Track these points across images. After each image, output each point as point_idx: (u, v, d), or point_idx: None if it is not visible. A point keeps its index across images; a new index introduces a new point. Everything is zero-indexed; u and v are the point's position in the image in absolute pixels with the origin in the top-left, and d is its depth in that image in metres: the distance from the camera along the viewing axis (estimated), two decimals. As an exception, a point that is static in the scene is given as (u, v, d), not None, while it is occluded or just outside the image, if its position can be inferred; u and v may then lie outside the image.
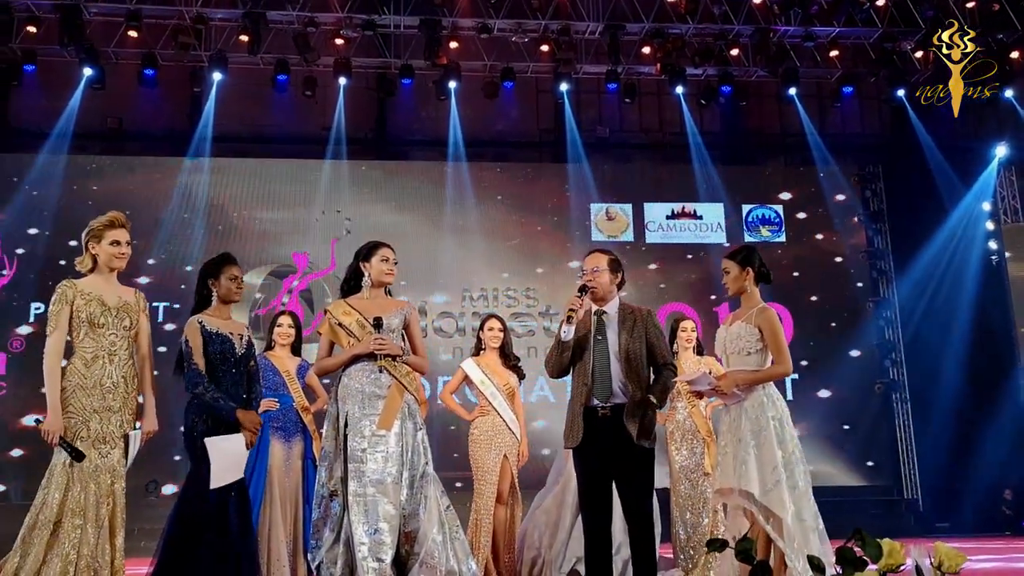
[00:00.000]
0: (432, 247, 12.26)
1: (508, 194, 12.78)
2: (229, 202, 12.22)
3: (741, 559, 1.78)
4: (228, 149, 12.46)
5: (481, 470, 5.62)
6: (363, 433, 4.16)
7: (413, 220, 12.35)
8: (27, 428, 10.76)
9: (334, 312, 4.42)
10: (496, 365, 5.85)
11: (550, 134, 13.42)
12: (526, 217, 12.66)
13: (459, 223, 12.48)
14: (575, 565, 5.38)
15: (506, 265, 12.47)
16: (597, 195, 12.90)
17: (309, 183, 12.46)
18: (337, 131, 12.55)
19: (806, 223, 12.96)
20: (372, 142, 13.16)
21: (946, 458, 11.50)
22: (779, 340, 4.26)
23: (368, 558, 3.95)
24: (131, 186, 12.04)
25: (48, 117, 12.04)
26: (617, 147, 13.54)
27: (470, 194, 12.64)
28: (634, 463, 4.29)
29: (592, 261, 4.55)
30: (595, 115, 13.53)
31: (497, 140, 13.36)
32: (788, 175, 13.33)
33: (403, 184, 12.68)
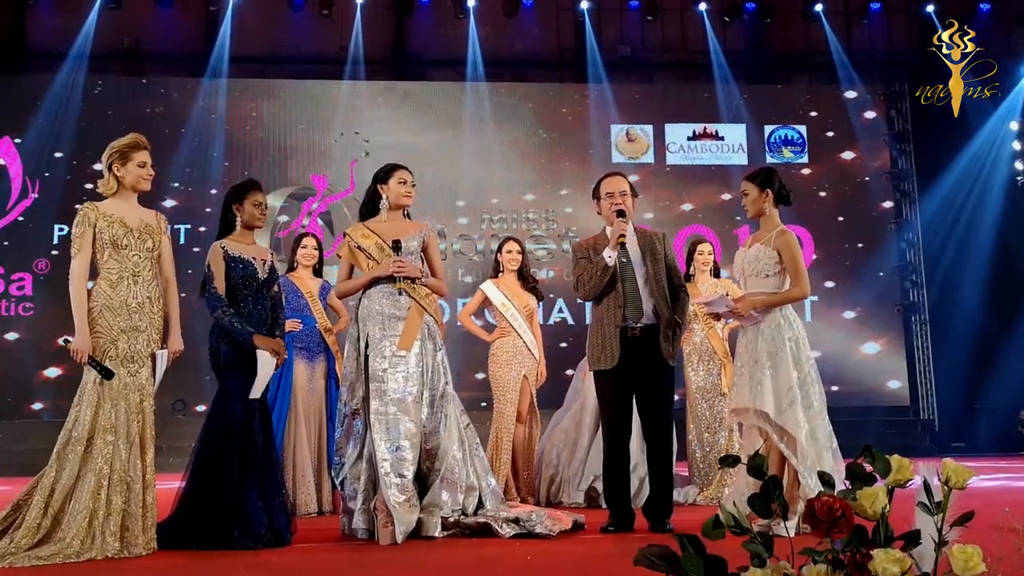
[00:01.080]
0: (451, 169, 12.20)
1: (527, 115, 12.65)
2: (248, 124, 12.18)
3: (753, 475, 1.82)
4: (246, 70, 12.36)
5: (501, 390, 5.71)
6: (383, 354, 4.23)
7: (432, 141, 12.26)
8: (57, 348, 10.97)
9: (353, 235, 4.45)
10: (515, 287, 5.89)
11: (570, 53, 13.18)
12: (545, 138, 12.56)
13: (478, 144, 12.40)
14: (592, 483, 5.50)
15: (525, 187, 12.41)
16: (617, 116, 12.74)
17: (327, 104, 12.40)
18: (355, 51, 12.41)
19: (829, 144, 12.77)
20: (390, 62, 12.99)
21: (964, 379, 11.54)
22: (798, 263, 4.26)
23: (391, 473, 4.07)
24: (150, 108, 12.02)
25: (64, 38, 11.96)
26: (638, 67, 13.31)
27: (489, 115, 12.53)
28: (660, 382, 4.43)
29: (620, 184, 4.60)
30: (616, 34, 13.25)
31: (516, 60, 13.16)
32: (812, 94, 13.08)
33: (422, 105, 12.57)
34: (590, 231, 12.14)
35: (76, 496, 3.70)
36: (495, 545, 3.90)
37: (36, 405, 11.14)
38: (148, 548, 3.77)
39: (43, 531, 3.64)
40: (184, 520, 4.00)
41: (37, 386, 11.17)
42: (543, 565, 3.41)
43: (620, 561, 3.62)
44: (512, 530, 4.07)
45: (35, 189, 11.70)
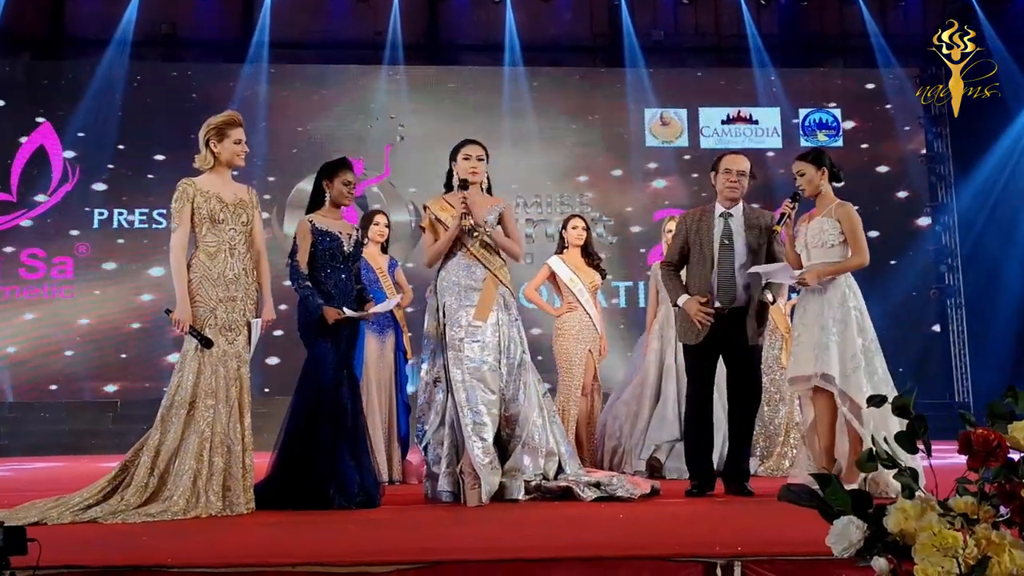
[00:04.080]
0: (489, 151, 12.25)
1: (562, 99, 12.72)
2: (285, 110, 12.31)
3: (898, 414, 1.94)
4: (282, 56, 12.49)
5: (568, 363, 5.85)
6: (460, 323, 4.38)
7: (466, 126, 12.21)
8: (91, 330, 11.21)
9: (432, 208, 4.61)
10: (580, 263, 6.01)
11: (604, 38, 13.24)
12: (579, 122, 12.64)
13: (513, 129, 12.47)
14: (654, 452, 5.63)
15: (559, 171, 12.50)
16: (652, 100, 12.81)
17: (363, 89, 12.52)
18: (391, 36, 12.52)
19: (864, 127, 12.80)
20: (425, 48, 13.08)
21: (1001, 361, 11.56)
22: (858, 233, 4.39)
23: (472, 437, 4.21)
24: (188, 94, 12.16)
25: (104, 24, 12.11)
26: (672, 51, 13.34)
27: (524, 100, 12.60)
28: (747, 357, 4.55)
29: (741, 163, 4.65)
30: (650, 18, 13.29)
31: (551, 45, 13.22)
32: (847, 78, 13.11)
33: (456, 90, 12.67)
34: (623, 215, 12.46)
35: (180, 457, 3.86)
36: (579, 507, 4.04)
37: (53, 386, 11.30)
38: (248, 507, 3.94)
39: (150, 490, 3.81)
40: (280, 482, 4.16)
41: (53, 364, 11.31)
42: (633, 522, 3.54)
43: (710, 516, 3.75)
44: (594, 493, 4.20)
45: (75, 174, 11.87)
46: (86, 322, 11.38)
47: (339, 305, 4.32)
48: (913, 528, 1.88)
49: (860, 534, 1.88)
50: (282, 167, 12.03)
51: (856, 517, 1.92)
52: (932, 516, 1.88)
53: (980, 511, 1.88)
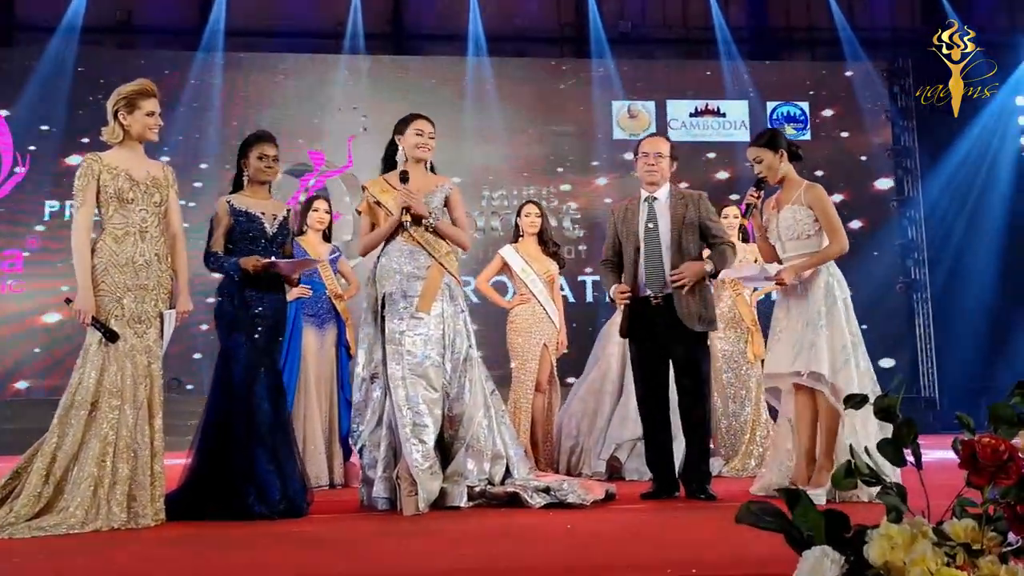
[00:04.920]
0: (451, 144, 11.84)
1: (528, 91, 12.32)
2: (243, 99, 11.79)
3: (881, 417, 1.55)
4: (241, 44, 11.97)
5: (521, 358, 5.44)
6: (401, 315, 3.96)
7: (431, 117, 11.90)
8: (46, 325, 10.60)
9: (372, 189, 4.17)
10: (535, 252, 5.61)
11: (571, 29, 12.88)
12: (546, 114, 12.25)
13: (478, 120, 12.07)
14: (614, 452, 5.24)
15: (525, 163, 12.12)
16: (619, 92, 12.46)
17: (324, 79, 12.01)
18: (353, 25, 12.06)
19: (832, 120, 12.53)
20: (389, 37, 12.66)
21: (969, 357, 11.34)
22: (831, 217, 4.03)
23: (411, 439, 3.79)
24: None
25: (55, 10, 11.55)
26: (640, 42, 12.99)
27: (489, 91, 12.21)
28: (689, 349, 4.20)
29: (657, 145, 4.38)
30: (617, 9, 12.94)
31: (517, 35, 12.83)
32: (815, 71, 12.82)
33: (421, 80, 12.22)
34: (591, 208, 12.10)
35: (80, 463, 3.42)
36: (526, 515, 3.64)
37: (22, 384, 10.73)
38: (156, 519, 3.49)
39: (44, 500, 3.36)
40: (194, 490, 3.72)
41: (23, 363, 10.74)
42: (582, 534, 3.15)
43: (666, 528, 3.37)
44: (543, 500, 3.80)
45: (24, 164, 11.29)
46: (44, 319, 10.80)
47: (261, 294, 3.88)
48: (902, 560, 1.49)
49: (836, 570, 1.48)
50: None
51: (831, 547, 1.52)
52: (925, 545, 1.50)
53: (984, 539, 1.49)
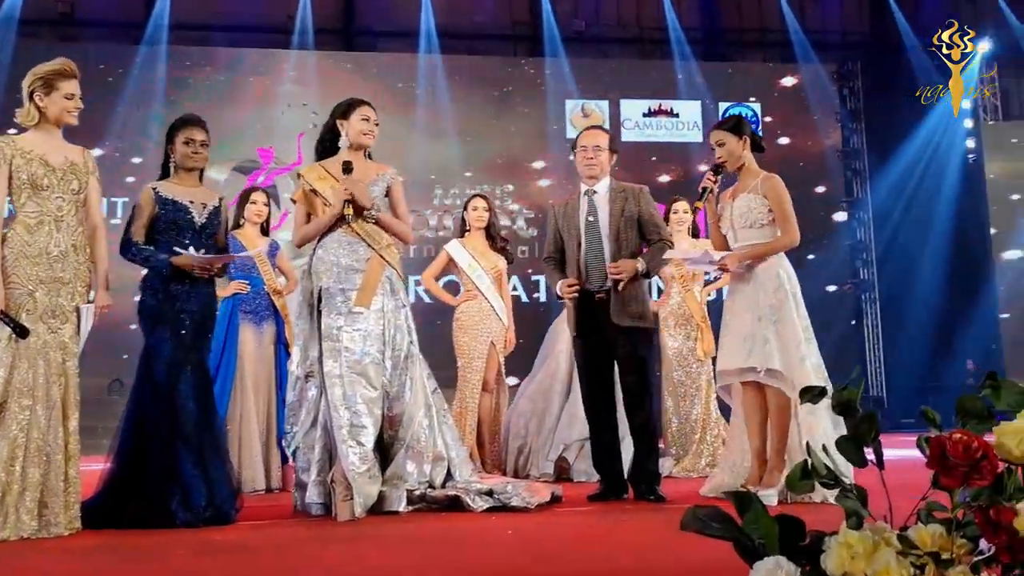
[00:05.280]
0: (403, 142, 11.64)
1: (481, 89, 12.13)
2: (189, 95, 11.39)
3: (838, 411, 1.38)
4: (187, 38, 11.60)
5: (467, 356, 5.23)
6: (339, 310, 3.73)
7: (383, 114, 11.57)
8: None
9: (308, 177, 3.94)
10: (483, 247, 5.40)
11: (525, 27, 12.73)
12: (499, 112, 12.06)
13: (431, 118, 11.85)
14: (563, 452, 5.07)
15: (478, 162, 11.92)
16: (573, 91, 12.32)
17: (273, 75, 11.68)
18: (302, 20, 11.77)
19: (783, 122, 12.52)
20: (340, 32, 12.38)
21: (915, 357, 11.39)
22: (786, 208, 3.90)
23: (348, 441, 3.57)
24: (84, 76, 11.15)
25: (-4, 2, 11.09)
26: (594, 42, 12.89)
27: (442, 88, 11.99)
28: (630, 344, 4.05)
29: (595, 138, 4.24)
30: (571, 7, 12.82)
31: (470, 33, 12.63)
32: (766, 73, 12.82)
33: (372, 77, 11.95)
34: (544, 206, 11.92)
35: (-14, 468, 3.14)
36: (467, 519, 3.45)
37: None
38: (71, 527, 3.23)
39: (-54, 508, 3.08)
40: (113, 496, 3.46)
41: None
42: (525, 539, 2.96)
43: (612, 531, 3.20)
44: (485, 503, 3.61)
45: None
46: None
47: (188, 288, 3.63)
48: (863, 572, 1.32)
49: (791, 584, 1.31)
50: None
51: (785, 558, 1.35)
52: (889, 554, 1.33)
53: (954, 547, 1.33)
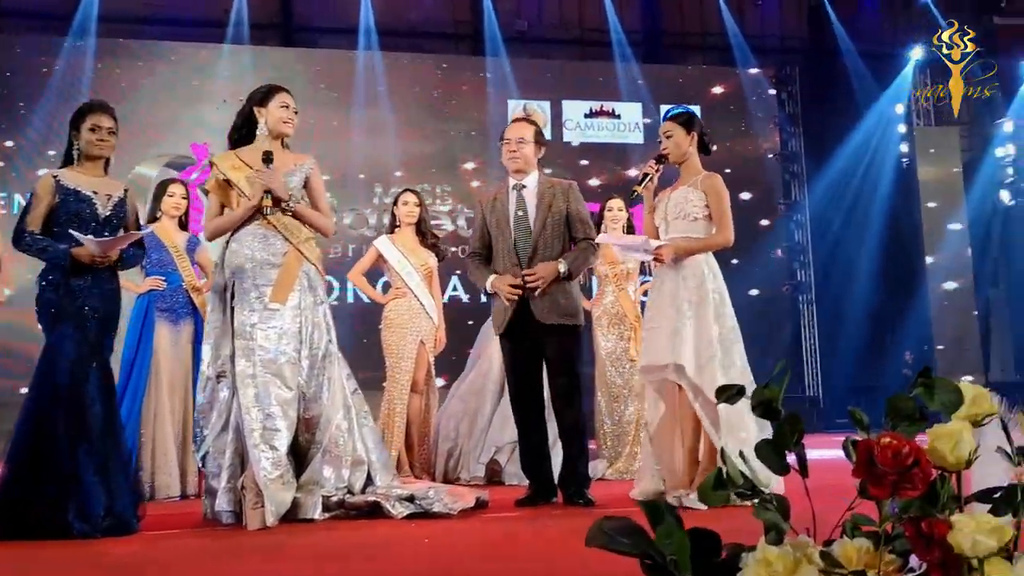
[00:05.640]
0: (342, 140, 11.39)
1: (421, 87, 11.90)
2: (118, 89, 10.94)
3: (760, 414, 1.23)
4: (116, 30, 11.14)
5: (395, 356, 5.01)
6: (253, 306, 3.50)
7: (321, 112, 11.40)
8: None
9: (222, 166, 3.69)
10: (412, 243, 5.19)
11: (467, 26, 12.54)
12: (440, 111, 11.86)
13: (371, 116, 11.60)
14: (494, 455, 4.90)
15: (419, 161, 11.69)
16: (515, 91, 12.18)
17: (209, 70, 11.30)
18: (239, 14, 11.41)
19: (723, 125, 12.49)
20: (278, 27, 12.06)
21: (850, 358, 11.48)
22: (724, 208, 3.81)
23: (260, 445, 3.34)
24: (9, 68, 10.67)
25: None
26: (536, 42, 12.76)
27: (382, 86, 11.75)
28: (558, 342, 3.92)
29: (519, 130, 4.12)
30: (513, 7, 12.67)
31: (411, 30, 12.40)
32: (707, 75, 12.84)
33: (311, 74, 11.65)
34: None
35: None
36: (386, 527, 3.25)
37: None
38: (-50, 541, 2.96)
39: None
40: (5, 506, 3.17)
41: None
42: (441, 548, 2.78)
43: (536, 538, 3.03)
44: (406, 509, 3.41)
45: None
46: None
47: (90, 283, 3.37)
48: (782, 593, 1.17)
49: (702, 608, 1.15)
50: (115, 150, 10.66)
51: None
52: (810, 572, 1.18)
53: (881, 563, 1.18)
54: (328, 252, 10.67)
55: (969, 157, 12.18)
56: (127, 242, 3.46)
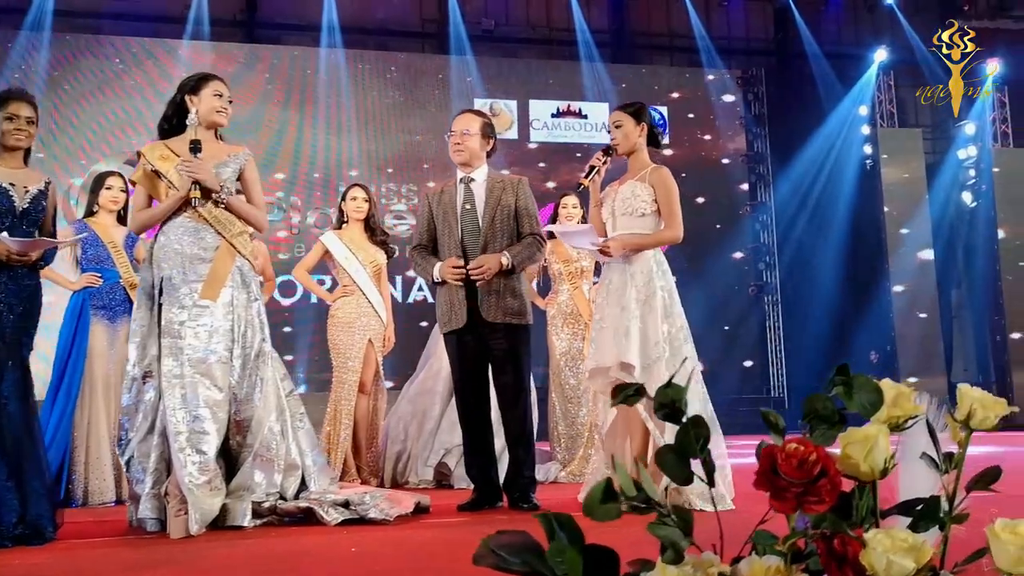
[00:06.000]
0: (305, 138, 11.19)
1: (387, 85, 11.76)
2: (73, 84, 10.66)
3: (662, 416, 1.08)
4: (71, 24, 10.87)
5: (342, 356, 4.84)
6: (182, 303, 3.32)
7: (286, 110, 11.23)
8: None
9: (149, 156, 3.51)
10: (361, 239, 5.02)
11: (434, 24, 12.38)
12: (405, 110, 11.69)
13: (335, 114, 11.42)
14: (443, 458, 4.74)
15: (384, 160, 11.52)
16: (481, 90, 12.04)
17: (168, 67, 11.03)
18: (199, 10, 11.17)
19: (690, 126, 12.49)
20: (241, 24, 11.82)
21: (815, 358, 11.43)
22: (673, 202, 3.65)
23: (186, 449, 3.16)
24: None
25: None
26: (503, 41, 12.63)
27: (347, 84, 11.56)
28: (503, 340, 3.77)
29: (464, 122, 3.95)
30: (481, 6, 12.53)
31: (377, 28, 12.23)
32: (674, 76, 12.77)
33: (275, 71, 11.46)
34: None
35: None
36: (316, 534, 3.07)
37: None
38: None
39: None
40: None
41: None
42: (368, 557, 2.62)
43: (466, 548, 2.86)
44: (340, 515, 3.24)
45: None
46: None
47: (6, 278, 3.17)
48: (679, 618, 1.02)
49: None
50: (68, 148, 10.41)
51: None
52: (711, 596, 1.03)
53: (791, 585, 1.04)
54: (294, 253, 10.48)
55: (932, 159, 12.19)
56: (48, 247, 3.28)
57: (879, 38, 12.05)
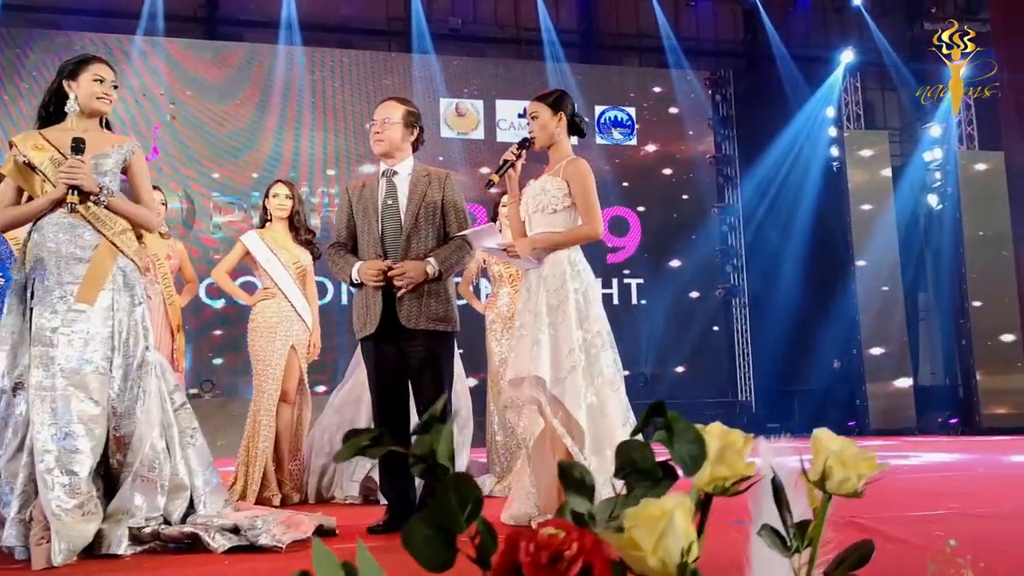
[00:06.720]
0: (265, 137, 10.86)
1: (350, 83, 11.43)
2: (27, 80, 10.27)
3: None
4: (23, 19, 10.48)
5: (262, 363, 4.47)
6: (55, 307, 2.96)
7: (244, 107, 10.89)
8: None
9: (22, 146, 3.14)
10: (284, 239, 4.66)
11: (398, 22, 12.07)
12: (368, 108, 11.31)
13: (296, 112, 11.09)
14: (370, 472, 4.39)
15: (347, 159, 11.19)
16: (447, 89, 11.74)
17: (127, 63, 10.64)
18: (153, 5, 10.81)
19: (657, 127, 12.22)
20: (201, 20, 11.47)
21: (781, 361, 11.19)
22: (589, 196, 3.31)
23: (55, 470, 2.80)
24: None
25: None
26: (469, 40, 12.33)
27: (309, 82, 11.24)
28: (424, 347, 3.43)
29: (385, 110, 3.61)
30: (448, 5, 12.24)
31: (341, 26, 11.91)
32: (641, 77, 12.52)
33: (235, 68, 11.12)
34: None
35: None
36: (198, 564, 2.73)
37: None
38: None
39: None
40: None
41: None
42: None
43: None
44: (228, 542, 2.88)
45: None
46: None
47: None
48: None
49: None
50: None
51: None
52: None
53: None
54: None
55: (899, 161, 11.97)
56: None
57: (847, 40, 11.82)
